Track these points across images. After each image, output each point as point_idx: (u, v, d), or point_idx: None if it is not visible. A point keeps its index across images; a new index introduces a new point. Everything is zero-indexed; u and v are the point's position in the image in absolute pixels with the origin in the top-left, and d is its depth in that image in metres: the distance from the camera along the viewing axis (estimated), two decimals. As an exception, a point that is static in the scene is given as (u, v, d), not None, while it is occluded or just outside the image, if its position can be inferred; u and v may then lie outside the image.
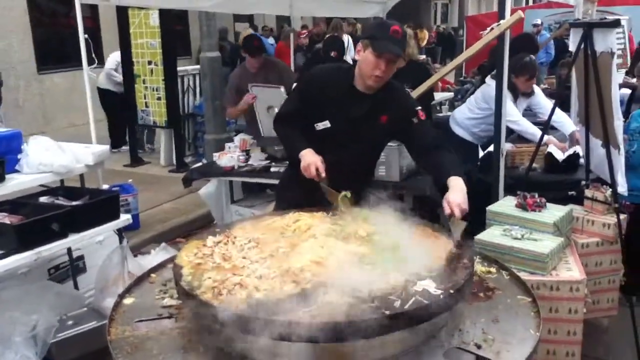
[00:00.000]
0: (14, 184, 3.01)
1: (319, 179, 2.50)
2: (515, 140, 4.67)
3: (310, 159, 2.52)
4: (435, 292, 1.69)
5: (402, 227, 2.07)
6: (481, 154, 4.87)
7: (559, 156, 4.21)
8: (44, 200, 3.16)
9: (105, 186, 4.03)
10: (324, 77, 2.70)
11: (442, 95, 8.76)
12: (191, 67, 8.65)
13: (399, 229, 2.05)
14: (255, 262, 1.85)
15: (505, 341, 1.78)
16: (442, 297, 1.67)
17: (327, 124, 2.63)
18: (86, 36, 4.38)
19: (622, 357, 3.32)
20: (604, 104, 3.18)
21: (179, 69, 7.72)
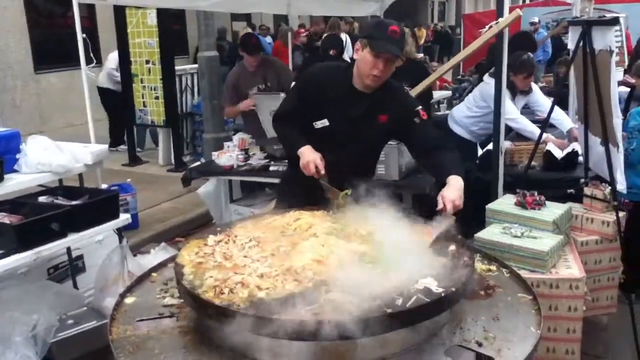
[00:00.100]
0: (13, 183, 3.01)
1: (319, 177, 2.51)
2: (513, 138, 4.67)
3: (309, 156, 2.53)
4: (436, 290, 1.69)
5: (402, 226, 2.08)
6: (480, 152, 4.88)
7: (558, 154, 4.22)
8: (43, 200, 3.15)
9: (104, 186, 4.03)
10: (323, 76, 2.70)
11: (440, 93, 8.77)
12: (189, 66, 8.64)
13: (399, 228, 2.06)
14: (256, 261, 1.86)
15: (506, 339, 1.79)
16: (443, 295, 1.67)
17: (325, 122, 2.63)
18: (84, 36, 4.37)
19: (621, 355, 3.32)
20: (603, 102, 3.18)
21: (176, 68, 7.72)
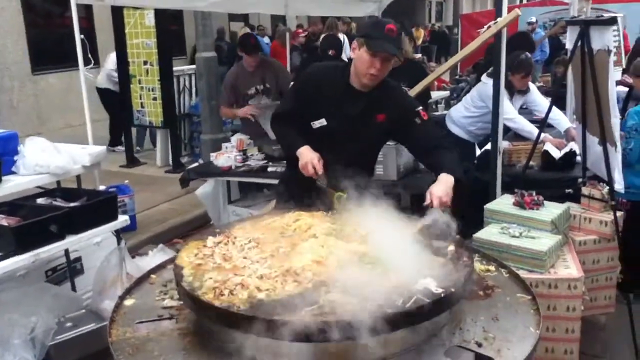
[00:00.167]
0: (11, 185, 3.00)
1: (317, 177, 2.51)
2: (511, 138, 4.68)
3: (307, 156, 2.53)
4: (436, 290, 1.69)
5: (401, 226, 2.08)
6: (478, 152, 4.88)
7: (556, 154, 4.23)
8: (42, 201, 3.15)
9: (102, 187, 4.02)
10: (320, 75, 2.70)
11: (438, 93, 8.78)
12: (187, 67, 8.63)
13: (398, 228, 2.06)
14: (256, 262, 1.86)
15: (505, 339, 1.79)
16: (443, 295, 1.67)
17: (323, 122, 2.63)
18: (82, 36, 4.36)
19: (619, 354, 3.33)
20: (601, 102, 3.19)
21: (174, 69, 7.70)
